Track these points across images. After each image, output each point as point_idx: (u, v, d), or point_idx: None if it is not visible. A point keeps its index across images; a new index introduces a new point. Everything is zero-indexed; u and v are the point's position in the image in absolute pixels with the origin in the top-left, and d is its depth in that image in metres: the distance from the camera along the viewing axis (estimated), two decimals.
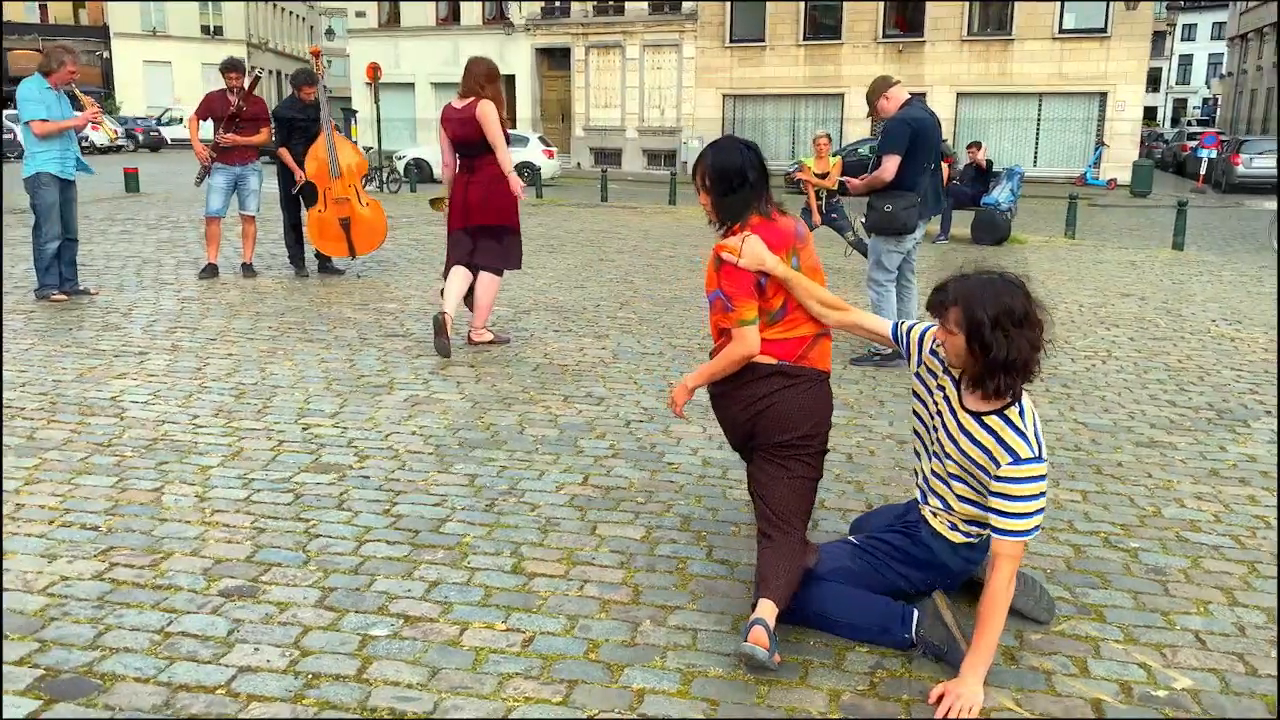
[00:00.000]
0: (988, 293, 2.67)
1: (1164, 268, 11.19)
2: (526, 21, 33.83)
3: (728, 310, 3.05)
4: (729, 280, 3.02)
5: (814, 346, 3.12)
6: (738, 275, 3.01)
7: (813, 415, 3.05)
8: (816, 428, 3.06)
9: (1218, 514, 3.96)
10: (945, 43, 29.18)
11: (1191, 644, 2.96)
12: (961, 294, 2.69)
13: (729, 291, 3.04)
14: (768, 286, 3.03)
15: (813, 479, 3.06)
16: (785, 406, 3.03)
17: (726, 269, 3.02)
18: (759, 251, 2.99)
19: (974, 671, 2.61)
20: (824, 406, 3.10)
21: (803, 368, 3.08)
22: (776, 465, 3.03)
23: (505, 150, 6.32)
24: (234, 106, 8.54)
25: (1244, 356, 6.71)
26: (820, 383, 3.11)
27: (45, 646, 2.78)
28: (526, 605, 3.09)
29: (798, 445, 3.02)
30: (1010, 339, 2.63)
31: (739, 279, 3.01)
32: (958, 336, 2.70)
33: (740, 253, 2.99)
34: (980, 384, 2.72)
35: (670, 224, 15.20)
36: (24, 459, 4.23)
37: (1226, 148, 27.65)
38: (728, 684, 2.69)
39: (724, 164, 3.09)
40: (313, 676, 2.68)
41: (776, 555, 2.91)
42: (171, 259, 9.99)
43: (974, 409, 2.80)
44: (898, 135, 5.82)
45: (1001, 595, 2.63)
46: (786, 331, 3.07)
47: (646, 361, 6.22)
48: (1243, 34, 55.80)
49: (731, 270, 3.01)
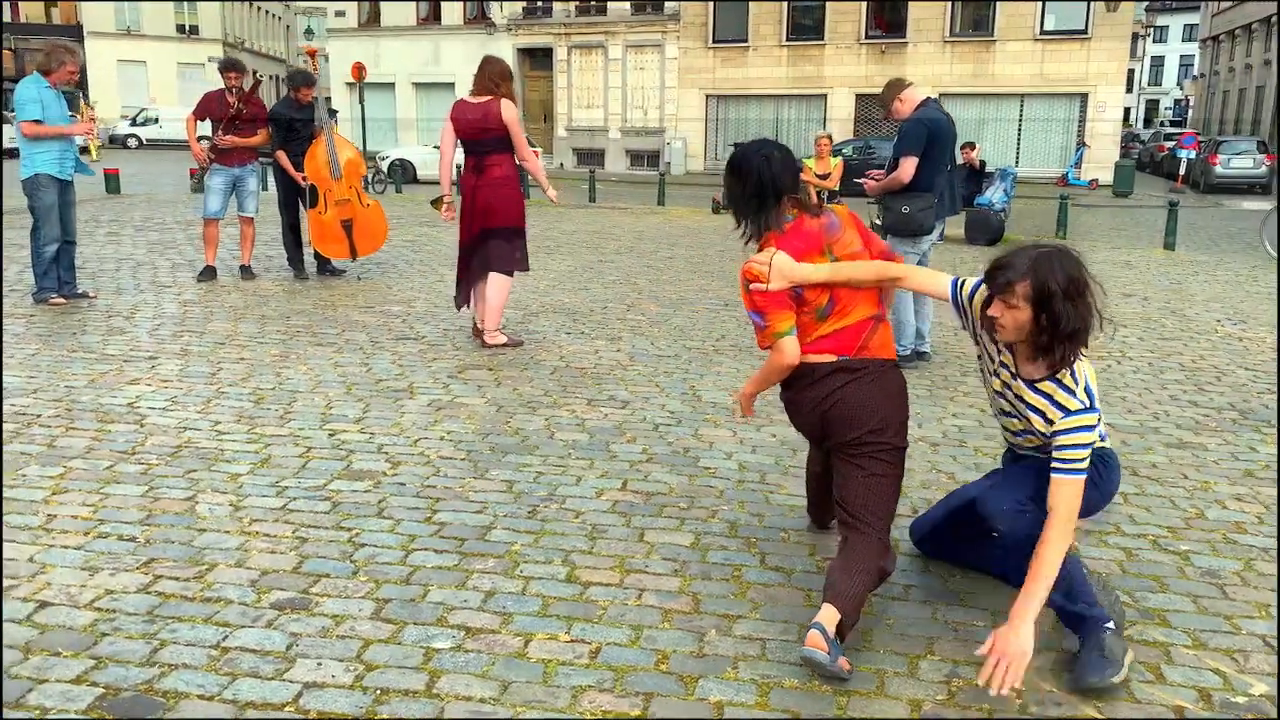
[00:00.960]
0: (1056, 265, 2.68)
1: (1159, 268, 11.26)
2: (508, 21, 33.70)
3: (762, 328, 3.05)
4: (759, 299, 3.01)
5: (874, 335, 3.08)
6: (766, 293, 3.00)
7: (880, 408, 3.00)
8: (885, 421, 3.00)
9: (1260, 515, 3.96)
10: (927, 44, 29.33)
11: (1260, 649, 2.95)
12: (1031, 268, 2.68)
13: (760, 308, 3.03)
14: (804, 291, 2.99)
15: (890, 476, 3.00)
16: (851, 402, 2.99)
17: (756, 290, 3.02)
18: (786, 271, 2.97)
19: (1023, 619, 2.58)
20: (892, 398, 3.05)
21: (865, 359, 3.04)
22: (851, 464, 2.99)
23: (528, 149, 6.44)
24: (233, 108, 8.41)
25: (1255, 357, 6.74)
26: (885, 373, 3.06)
27: (101, 663, 2.69)
28: (587, 615, 3.04)
29: (869, 441, 2.97)
30: (1076, 309, 2.67)
31: (768, 296, 3.01)
32: (1022, 310, 2.70)
33: (768, 278, 2.98)
34: (1047, 353, 2.75)
35: (663, 225, 15.16)
36: (48, 468, 4.12)
37: (1205, 149, 27.94)
38: (805, 695, 2.65)
39: (735, 164, 3.10)
40: (381, 692, 2.61)
41: (848, 559, 2.87)
42: (165, 261, 9.83)
43: (1029, 377, 2.84)
44: (915, 136, 5.81)
45: (1058, 541, 2.64)
46: (839, 322, 3.03)
47: (664, 364, 6.17)
48: (1214, 35, 56.47)
49: (760, 291, 3.01)
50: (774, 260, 2.98)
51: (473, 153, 6.41)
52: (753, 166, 3.04)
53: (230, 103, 8.43)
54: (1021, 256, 2.73)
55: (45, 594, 3.06)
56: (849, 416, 2.99)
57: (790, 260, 2.98)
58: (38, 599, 3.03)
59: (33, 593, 3.07)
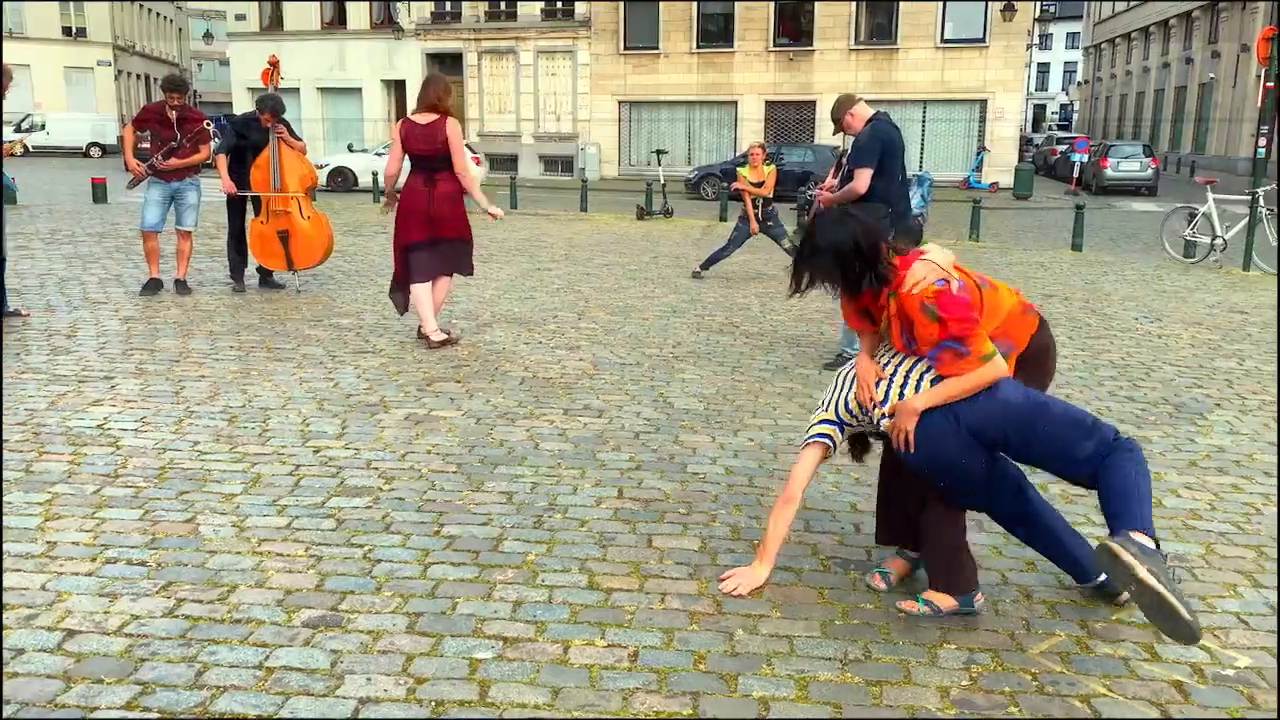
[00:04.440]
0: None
1: (1071, 268, 11.84)
2: (416, 26, 33.37)
3: (963, 355, 2.96)
4: (954, 316, 2.94)
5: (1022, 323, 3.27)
6: (959, 304, 2.96)
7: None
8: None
9: (1211, 502, 4.28)
10: (834, 51, 30.09)
11: (1236, 625, 3.21)
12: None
13: (960, 332, 2.95)
14: (969, 298, 3.05)
15: None
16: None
17: (946, 304, 2.96)
18: (947, 260, 3.09)
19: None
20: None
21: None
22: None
23: (469, 174, 6.79)
24: (175, 139, 8.23)
25: (1176, 353, 7.19)
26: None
27: (148, 688, 2.69)
28: (617, 620, 3.14)
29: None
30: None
31: (962, 308, 2.96)
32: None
33: (949, 272, 3.03)
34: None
35: (591, 232, 15.27)
36: (33, 494, 4.04)
37: (1095, 153, 29.27)
38: (841, 687, 2.80)
39: (829, 245, 3.13)
40: (437, 704, 2.67)
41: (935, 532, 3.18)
42: (91, 276, 9.54)
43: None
44: (869, 149, 6.05)
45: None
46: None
47: (629, 372, 6.29)
48: (1096, 44, 59.16)
49: (951, 302, 2.96)
50: (931, 257, 3.07)
51: (425, 169, 6.71)
52: (847, 234, 3.10)
53: (171, 120, 8.24)
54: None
55: (70, 622, 3.03)
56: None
57: (938, 251, 3.11)
58: (63, 627, 3.00)
59: (56, 621, 3.03)
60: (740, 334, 7.59)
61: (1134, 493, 2.89)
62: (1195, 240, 12.74)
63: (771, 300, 9.15)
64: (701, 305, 8.80)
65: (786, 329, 7.83)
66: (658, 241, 14.05)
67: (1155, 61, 46.77)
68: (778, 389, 5.96)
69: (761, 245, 11.52)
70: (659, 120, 32.05)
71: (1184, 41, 42.77)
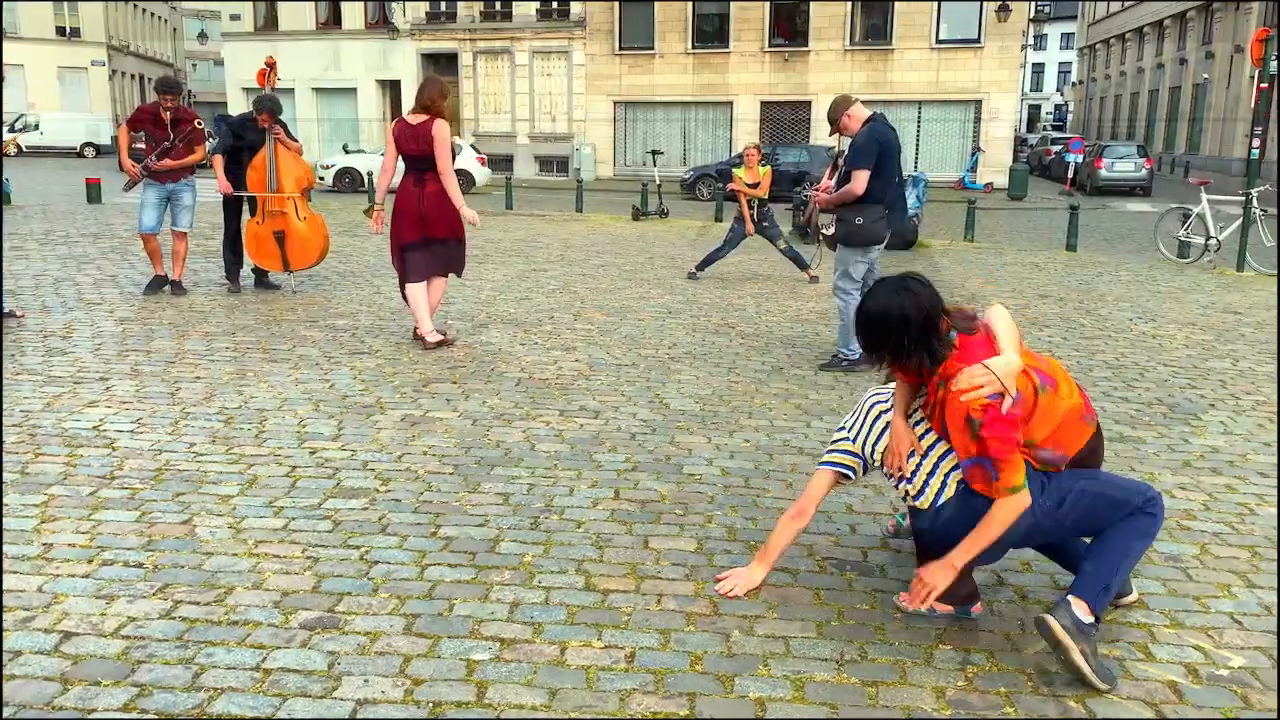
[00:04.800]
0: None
1: (1065, 269, 11.87)
2: (411, 26, 33.33)
3: (992, 481, 2.82)
4: (995, 436, 2.79)
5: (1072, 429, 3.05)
6: (1005, 425, 2.81)
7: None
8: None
9: (1205, 503, 4.29)
10: (829, 52, 30.12)
11: (1230, 625, 3.23)
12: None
13: (996, 455, 2.80)
14: (1021, 412, 2.84)
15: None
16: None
17: (992, 423, 2.80)
18: (1011, 369, 2.84)
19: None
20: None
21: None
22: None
23: (451, 175, 6.70)
24: (168, 139, 8.23)
25: (1170, 353, 7.21)
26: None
27: (145, 690, 2.69)
28: (614, 622, 3.14)
29: None
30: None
31: (1007, 430, 2.80)
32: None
33: (1008, 387, 2.82)
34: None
35: (587, 232, 15.27)
36: (29, 496, 4.03)
37: (1090, 153, 29.33)
38: (837, 688, 2.81)
39: (884, 314, 2.94)
40: (434, 705, 2.67)
41: None
42: (86, 277, 9.53)
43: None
44: (868, 151, 6.06)
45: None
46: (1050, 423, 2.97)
47: (625, 373, 6.30)
48: (1091, 44, 59.27)
49: (997, 421, 2.79)
50: (995, 365, 2.82)
51: (416, 169, 6.73)
52: (905, 304, 2.92)
53: (165, 121, 8.24)
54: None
55: (66, 624, 3.03)
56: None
57: (1005, 358, 2.84)
58: (60, 629, 3.00)
59: (53, 623, 3.03)
60: (736, 335, 7.60)
61: (1113, 557, 2.95)
62: (1189, 241, 12.77)
63: (767, 301, 9.16)
64: (697, 306, 8.81)
65: (782, 330, 7.84)
66: (653, 242, 14.06)
67: (1149, 62, 46.88)
68: (774, 390, 5.97)
69: (757, 246, 11.54)
70: (654, 120, 32.06)
71: (1178, 42, 42.87)
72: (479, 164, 25.43)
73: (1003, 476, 2.82)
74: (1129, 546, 2.99)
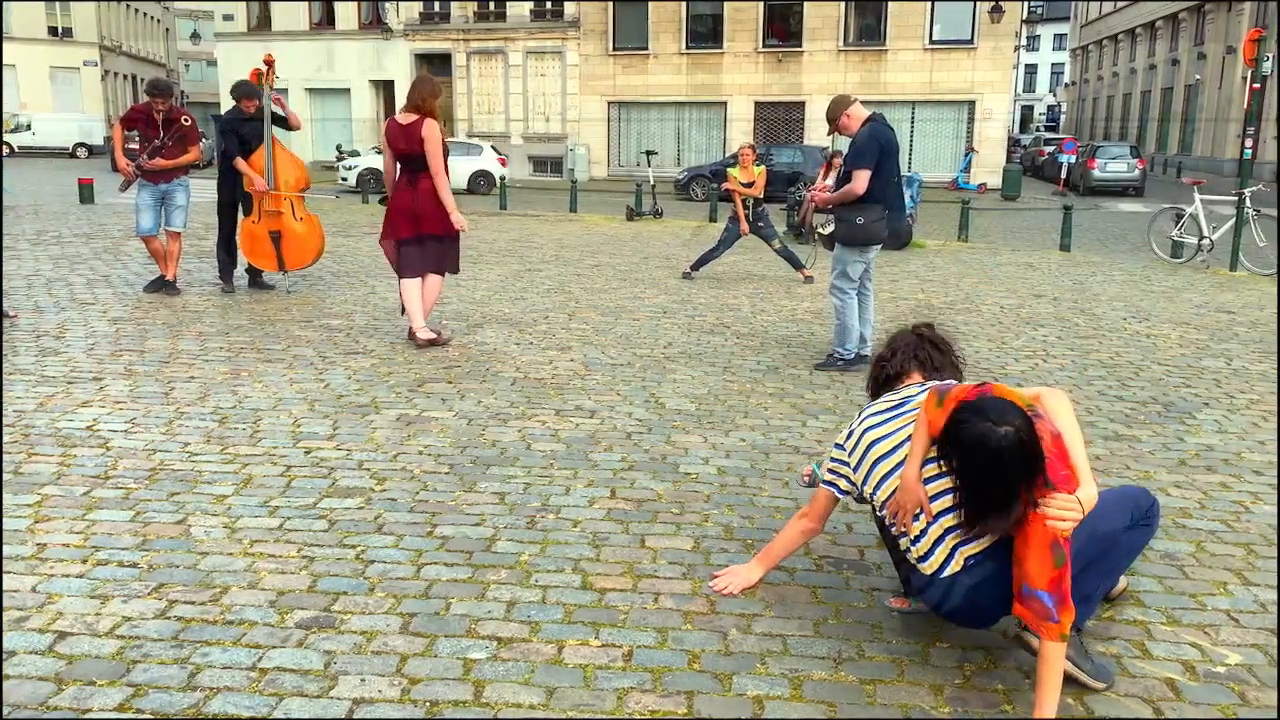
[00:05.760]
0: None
1: (1059, 269, 11.89)
2: (404, 26, 33.30)
3: (1052, 620, 2.56)
4: (1059, 580, 2.57)
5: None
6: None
7: None
8: None
9: (1201, 501, 4.30)
10: (823, 53, 30.15)
11: (1227, 622, 3.23)
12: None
13: (1062, 592, 2.57)
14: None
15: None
16: None
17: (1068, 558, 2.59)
18: (1089, 505, 2.67)
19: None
20: None
21: None
22: None
23: (443, 176, 6.68)
24: (159, 139, 8.22)
25: (1164, 353, 7.22)
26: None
27: (140, 690, 2.68)
28: (611, 620, 3.14)
29: None
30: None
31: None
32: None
33: (1083, 510, 2.63)
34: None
35: (581, 232, 15.26)
36: (22, 495, 4.01)
37: (1083, 153, 29.40)
38: (835, 686, 2.81)
39: (984, 452, 2.58)
40: (431, 704, 2.67)
41: None
42: (79, 277, 9.50)
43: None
44: (868, 150, 6.06)
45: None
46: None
47: (620, 373, 6.29)
48: (1083, 45, 59.44)
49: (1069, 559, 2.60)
50: (1085, 502, 2.65)
51: (408, 168, 6.75)
52: (1012, 444, 2.56)
53: (157, 120, 8.22)
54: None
55: (61, 624, 3.01)
56: None
57: (1088, 492, 2.69)
58: (54, 629, 2.98)
59: (47, 624, 3.02)
60: (731, 334, 7.59)
61: (1098, 575, 2.92)
62: (1182, 241, 12.80)
63: (762, 301, 9.16)
64: (692, 306, 8.81)
65: (777, 329, 7.84)
66: (648, 242, 14.05)
67: (1142, 63, 47.02)
68: (769, 389, 5.97)
69: (752, 246, 11.55)
70: (648, 121, 32.06)
71: (1170, 43, 43.01)
72: (499, 164, 25.52)
73: (1062, 619, 2.56)
74: (1117, 564, 3.00)
